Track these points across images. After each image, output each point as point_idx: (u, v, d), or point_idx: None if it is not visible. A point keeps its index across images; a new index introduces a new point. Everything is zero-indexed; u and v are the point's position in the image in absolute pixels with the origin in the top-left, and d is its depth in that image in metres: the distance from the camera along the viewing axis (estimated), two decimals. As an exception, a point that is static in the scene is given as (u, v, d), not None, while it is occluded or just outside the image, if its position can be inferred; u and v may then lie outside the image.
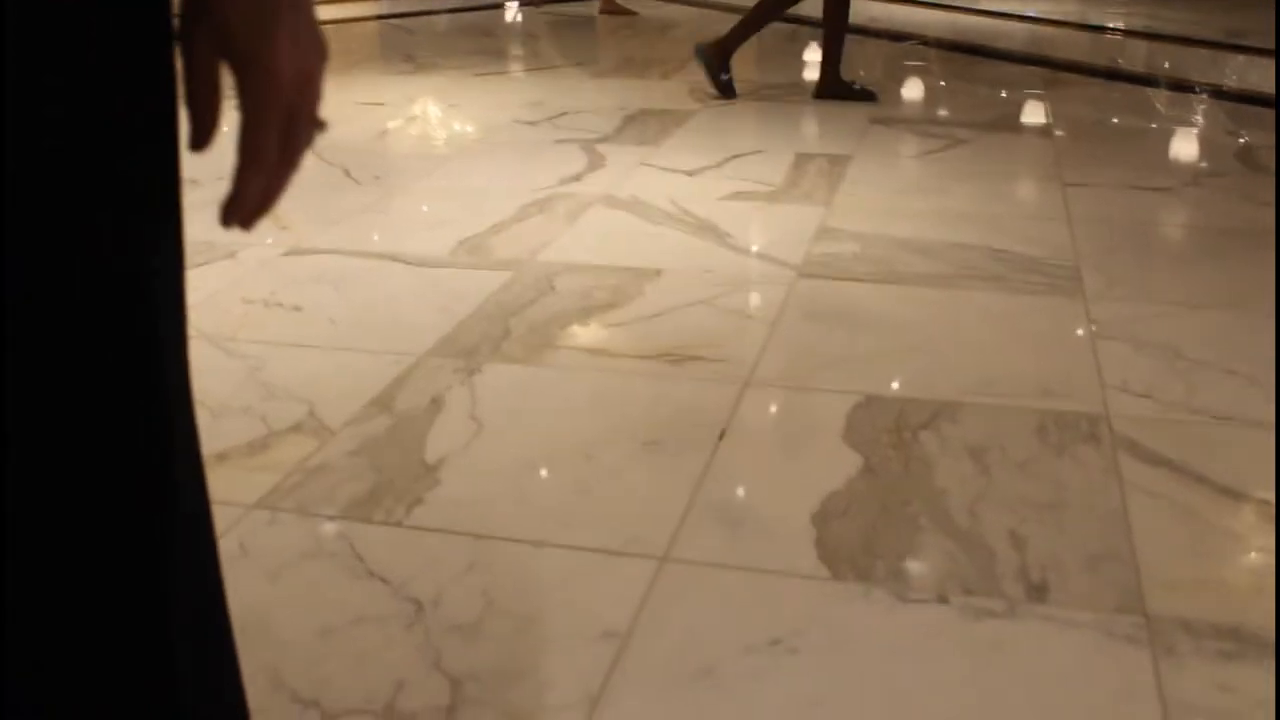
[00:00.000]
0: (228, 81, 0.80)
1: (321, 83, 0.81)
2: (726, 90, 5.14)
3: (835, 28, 4.99)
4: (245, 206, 0.80)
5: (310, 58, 0.79)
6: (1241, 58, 6.20)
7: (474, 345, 2.60)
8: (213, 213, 0.79)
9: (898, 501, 1.97)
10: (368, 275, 3.07)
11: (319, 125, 0.81)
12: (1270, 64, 6.00)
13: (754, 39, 5.25)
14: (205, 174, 0.88)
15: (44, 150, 0.71)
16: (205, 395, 2.36)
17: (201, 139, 0.79)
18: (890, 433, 2.20)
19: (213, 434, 2.21)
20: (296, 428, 2.25)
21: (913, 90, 5.58)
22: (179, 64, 0.78)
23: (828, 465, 2.09)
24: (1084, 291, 2.90)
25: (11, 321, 0.71)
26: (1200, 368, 2.48)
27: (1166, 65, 6.08)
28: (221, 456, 2.14)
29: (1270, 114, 4.86)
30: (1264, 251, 3.21)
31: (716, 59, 5.12)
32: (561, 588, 1.76)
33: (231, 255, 3.18)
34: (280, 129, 0.79)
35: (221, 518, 1.92)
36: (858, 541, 1.86)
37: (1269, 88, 5.43)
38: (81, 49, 0.72)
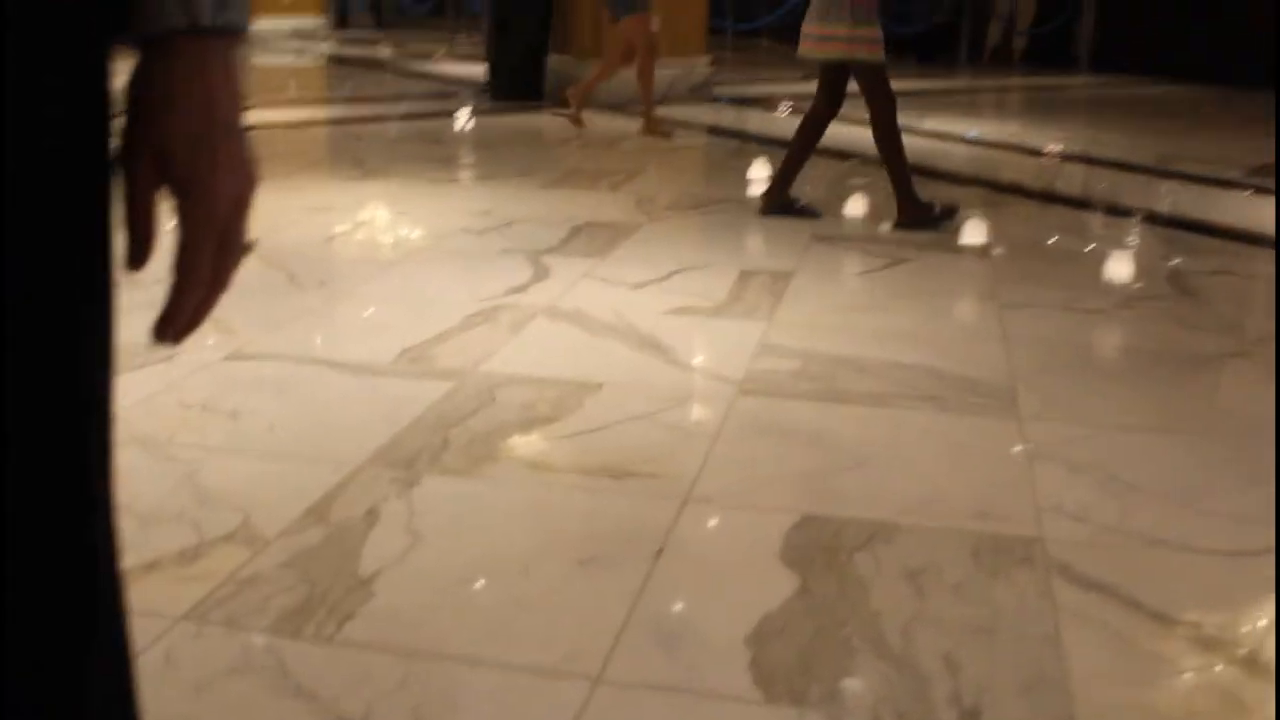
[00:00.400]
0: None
1: (252, 206, 0.85)
2: (806, 212, 5.16)
3: (891, 150, 5.00)
4: (178, 323, 0.84)
5: (243, 183, 0.83)
6: (1174, 183, 6.36)
7: (413, 456, 2.59)
8: (150, 316, 0.82)
9: (833, 623, 1.97)
10: (308, 382, 3.06)
11: (248, 246, 0.85)
12: (1200, 190, 6.16)
13: (701, 154, 5.33)
14: (143, 275, 0.88)
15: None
16: (137, 501, 2.33)
17: (139, 259, 0.82)
18: (827, 553, 2.21)
19: (143, 542, 2.18)
20: (229, 537, 2.22)
21: (855, 208, 5.68)
22: (120, 187, 0.81)
23: (764, 585, 2.09)
24: (1019, 412, 2.94)
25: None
26: (1133, 490, 2.51)
27: (1102, 189, 6.23)
28: (151, 566, 2.11)
29: (1199, 239, 4.98)
30: (1194, 375, 3.28)
31: (779, 201, 5.15)
32: (494, 708, 1.73)
33: (170, 359, 3.15)
34: (214, 250, 0.82)
35: (149, 629, 1.89)
36: (793, 663, 1.86)
37: (1199, 213, 5.57)
38: (23, 175, 0.74)
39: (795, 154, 5.13)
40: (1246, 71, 9.98)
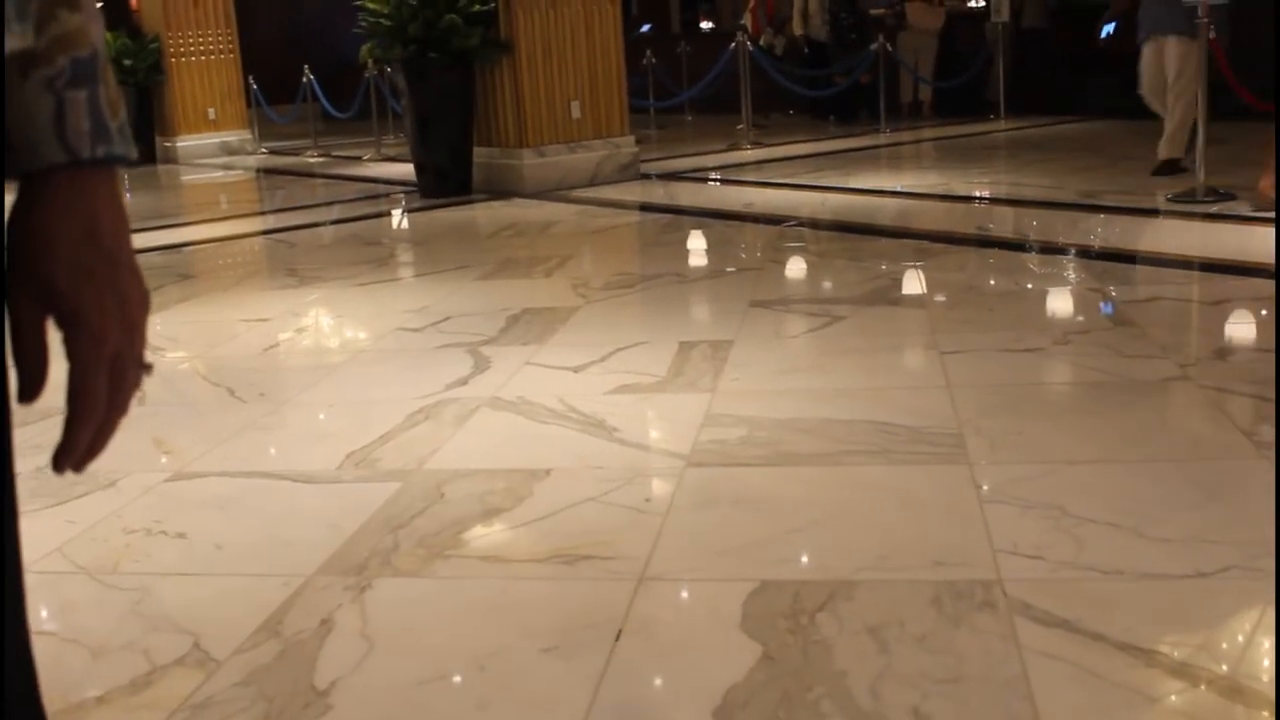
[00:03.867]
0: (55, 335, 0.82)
1: (145, 330, 0.84)
2: None
3: None
4: (76, 453, 0.83)
5: (133, 308, 0.83)
6: (1100, 216, 6.46)
7: (363, 561, 2.56)
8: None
9: (799, 688, 1.95)
10: (254, 496, 3.02)
11: (145, 369, 0.84)
12: (1127, 221, 6.26)
13: (634, 232, 5.34)
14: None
15: None
16: (84, 634, 2.29)
17: (30, 392, 0.81)
18: (787, 618, 2.19)
19: (92, 675, 2.14)
20: (181, 661, 2.18)
21: (791, 270, 5.72)
22: (6, 321, 0.80)
23: (727, 657, 2.06)
24: (968, 457, 2.95)
25: None
26: (1085, 524, 2.51)
27: (1031, 228, 6.32)
28: (101, 699, 2.06)
29: (1130, 269, 5.05)
30: (1135, 402, 3.30)
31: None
32: (461, 810, 1.70)
33: (112, 484, 3.11)
34: (107, 378, 0.81)
35: (102, 767, 1.84)
36: (761, 733, 1.83)
37: (1126, 244, 5.66)
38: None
39: None
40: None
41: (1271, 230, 5.29)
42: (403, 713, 1.97)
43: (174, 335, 4.98)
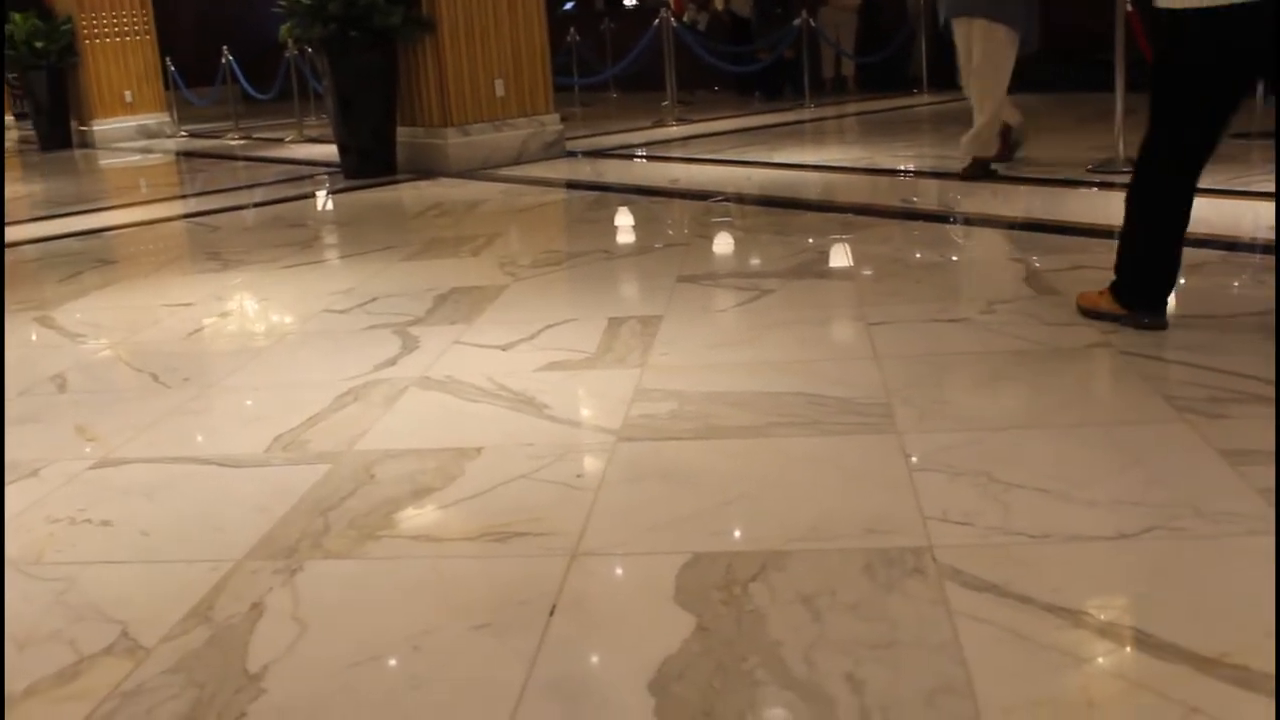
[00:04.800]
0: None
1: None
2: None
3: None
4: None
5: None
6: (1023, 188, 6.53)
7: (294, 544, 2.53)
8: (11, 431, 0.78)
9: (734, 658, 1.96)
10: (180, 481, 2.98)
11: None
12: (1048, 191, 6.33)
13: (560, 209, 5.31)
14: (4, 390, 0.84)
15: None
16: (8, 625, 2.25)
17: None
18: (720, 589, 2.20)
19: (18, 668, 2.10)
20: (109, 650, 2.14)
21: (719, 245, 5.73)
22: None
23: (661, 630, 2.07)
24: (896, 426, 2.97)
25: None
26: (1013, 489, 2.54)
27: (955, 201, 6.37)
28: (29, 691, 2.03)
29: (1053, 238, 5.11)
30: (1060, 369, 3.34)
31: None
32: (397, 790, 1.69)
33: (35, 473, 3.06)
34: None
35: (29, 758, 1.81)
36: (698, 705, 1.84)
37: (1048, 214, 5.72)
38: None
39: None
40: (1073, 78, 10.32)
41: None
42: (336, 694, 1.95)
43: (95, 321, 4.89)
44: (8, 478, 3.03)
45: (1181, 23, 3.34)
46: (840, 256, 5.10)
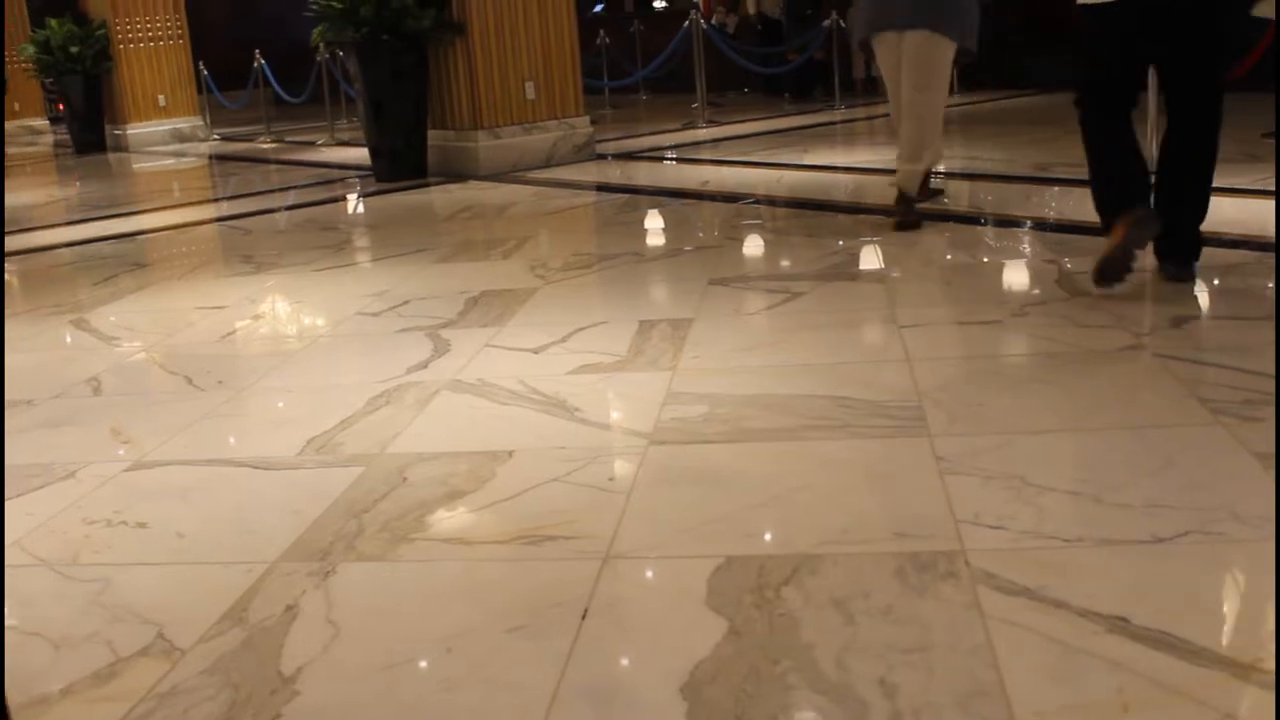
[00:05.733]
0: None
1: None
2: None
3: None
4: None
5: None
6: (1054, 189, 6.50)
7: (327, 546, 2.55)
8: (47, 434, 0.79)
9: (766, 662, 1.96)
10: (215, 484, 3.00)
11: None
12: (1080, 193, 6.29)
13: (590, 212, 5.32)
14: (40, 393, 0.84)
15: None
16: (45, 626, 2.27)
17: None
18: (753, 592, 2.20)
19: (55, 668, 2.12)
20: (145, 651, 2.16)
21: (749, 248, 5.73)
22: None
23: (693, 633, 2.07)
24: (928, 430, 2.96)
25: None
26: (1046, 493, 2.53)
27: (987, 202, 6.35)
28: (65, 691, 2.05)
29: (1085, 240, 5.08)
30: (1092, 372, 3.33)
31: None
32: (431, 792, 1.70)
33: (71, 475, 3.09)
34: None
35: (67, 759, 1.83)
36: (730, 709, 1.84)
37: (1081, 216, 5.68)
38: None
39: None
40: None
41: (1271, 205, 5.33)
42: (370, 697, 1.96)
43: (129, 325, 4.93)
44: (44, 480, 3.06)
45: (1083, 12, 4.19)
46: (871, 259, 5.09)
